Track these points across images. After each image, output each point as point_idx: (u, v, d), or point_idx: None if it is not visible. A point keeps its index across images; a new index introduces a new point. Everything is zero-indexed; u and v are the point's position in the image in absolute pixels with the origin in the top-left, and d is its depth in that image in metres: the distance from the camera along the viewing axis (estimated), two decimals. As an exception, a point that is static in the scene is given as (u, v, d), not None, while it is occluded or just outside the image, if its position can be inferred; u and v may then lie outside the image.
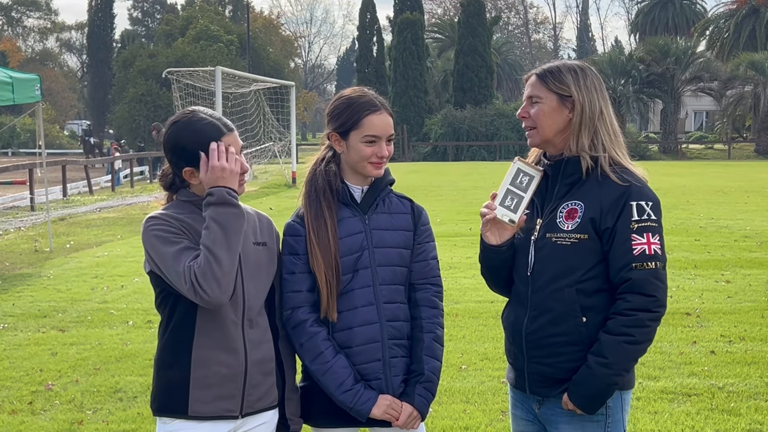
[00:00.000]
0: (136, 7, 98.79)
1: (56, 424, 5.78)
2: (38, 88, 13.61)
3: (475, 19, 53.41)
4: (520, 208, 3.00)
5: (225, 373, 2.95)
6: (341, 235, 3.11)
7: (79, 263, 12.65)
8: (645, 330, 2.86)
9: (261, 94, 30.47)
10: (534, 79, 3.04)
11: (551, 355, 2.96)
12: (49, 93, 66.41)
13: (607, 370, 2.85)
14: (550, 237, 2.96)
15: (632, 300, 2.84)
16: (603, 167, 2.95)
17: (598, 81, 3.03)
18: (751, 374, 6.69)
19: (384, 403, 3.09)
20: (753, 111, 51.22)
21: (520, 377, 3.10)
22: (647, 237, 2.87)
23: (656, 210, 2.92)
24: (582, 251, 2.91)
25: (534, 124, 3.02)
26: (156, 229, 2.89)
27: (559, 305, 2.93)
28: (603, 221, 2.89)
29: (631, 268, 2.85)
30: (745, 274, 10.89)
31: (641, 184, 2.95)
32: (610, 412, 2.97)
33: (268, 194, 24.92)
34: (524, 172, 3.02)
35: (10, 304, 9.68)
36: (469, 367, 6.98)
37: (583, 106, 2.97)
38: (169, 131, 3.00)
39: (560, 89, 2.98)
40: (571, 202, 2.96)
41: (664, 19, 74.98)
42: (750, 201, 20.98)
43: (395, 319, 3.15)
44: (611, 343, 2.85)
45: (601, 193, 2.92)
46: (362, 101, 3.13)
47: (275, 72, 57.86)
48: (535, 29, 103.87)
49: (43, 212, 18.22)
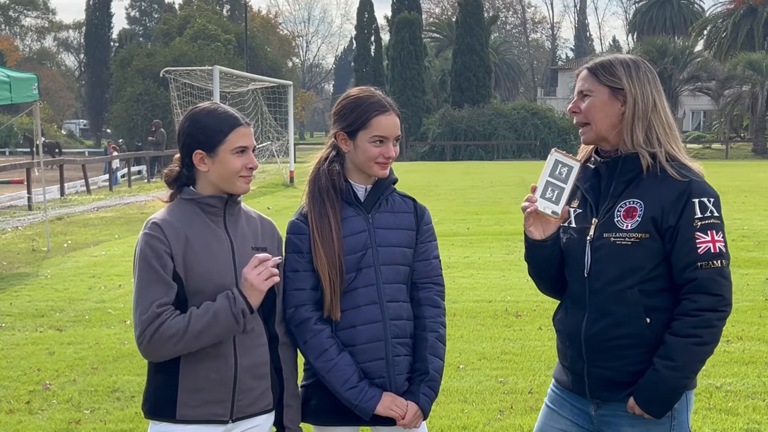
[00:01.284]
0: (134, 7, 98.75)
1: (54, 424, 5.77)
2: (36, 88, 13.59)
3: (473, 19, 53.42)
4: (562, 199, 2.94)
5: (214, 378, 2.94)
6: (345, 233, 3.12)
7: (77, 263, 12.64)
8: (712, 330, 2.78)
9: (259, 93, 30.45)
10: (585, 73, 2.98)
11: (614, 358, 2.88)
12: (47, 92, 66.40)
13: (676, 374, 2.78)
14: (608, 237, 2.88)
15: (698, 300, 2.77)
16: (661, 163, 2.87)
17: (651, 73, 2.95)
18: (749, 374, 6.69)
19: (388, 401, 3.10)
20: (750, 111, 51.23)
21: (578, 381, 3.00)
22: (711, 234, 2.79)
23: (718, 206, 2.84)
24: (643, 251, 2.83)
25: (586, 119, 2.95)
26: (146, 246, 2.89)
27: (621, 307, 2.85)
28: (665, 220, 2.81)
29: (696, 268, 2.77)
30: (743, 274, 10.89)
31: (701, 180, 2.88)
32: (676, 414, 2.90)
33: (266, 193, 24.90)
34: (563, 163, 2.95)
35: (7, 304, 9.67)
36: (467, 367, 6.98)
37: (635, 98, 2.89)
38: (188, 116, 3.02)
39: (612, 82, 2.91)
40: (630, 201, 2.88)
41: (662, 19, 75.04)
42: (747, 201, 20.98)
43: (398, 318, 3.16)
44: (679, 346, 2.77)
45: (661, 191, 2.83)
46: (371, 101, 3.13)
47: (273, 71, 57.83)
48: (533, 29, 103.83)
49: (41, 211, 18.21)
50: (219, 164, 2.94)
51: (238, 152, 2.94)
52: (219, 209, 2.99)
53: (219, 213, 3.00)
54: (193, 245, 2.91)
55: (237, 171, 2.94)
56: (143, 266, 2.87)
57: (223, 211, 3.00)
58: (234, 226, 3.02)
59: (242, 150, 2.95)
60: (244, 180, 2.97)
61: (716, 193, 2.88)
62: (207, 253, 2.93)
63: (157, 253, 2.87)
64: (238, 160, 2.94)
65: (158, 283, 2.85)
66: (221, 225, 3.00)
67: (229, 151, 2.93)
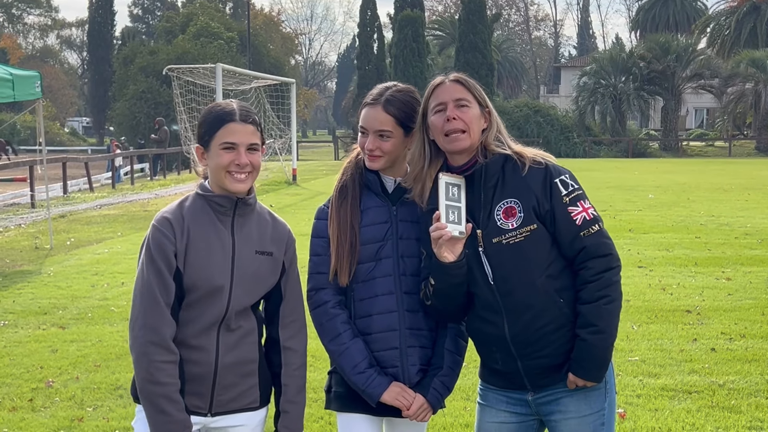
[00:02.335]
0: (137, 4, 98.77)
1: (56, 421, 5.78)
2: (38, 85, 13.59)
3: (476, 16, 53.36)
4: (462, 217, 3.02)
5: (196, 372, 2.99)
6: (366, 222, 3.17)
7: (80, 260, 12.65)
8: (615, 286, 2.96)
9: (261, 91, 30.46)
10: (455, 84, 3.11)
11: (544, 346, 3.00)
12: (50, 90, 66.39)
13: (602, 335, 2.93)
14: (498, 241, 2.99)
15: (593, 266, 2.95)
16: (516, 158, 3.03)
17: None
18: (752, 371, 6.69)
19: (395, 390, 3.13)
20: (754, 108, 51.19)
21: (515, 378, 3.09)
22: (581, 204, 2.99)
23: (574, 179, 3.05)
24: (535, 241, 2.97)
25: (468, 127, 3.03)
26: (152, 241, 2.95)
27: (536, 299, 2.97)
28: (541, 206, 2.97)
29: (581, 237, 2.96)
30: (746, 272, 10.89)
31: (550, 162, 3.05)
32: (607, 378, 3.06)
33: (269, 191, 24.92)
34: (452, 184, 3.04)
35: (10, 301, 9.68)
36: (470, 365, 6.95)
37: (490, 109, 3.09)
38: (203, 110, 3.10)
39: (480, 96, 3.10)
40: (504, 201, 3.00)
41: (665, 17, 74.92)
42: (750, 198, 20.97)
43: (416, 310, 3.18)
44: (594, 311, 2.93)
45: (528, 182, 2.99)
46: (370, 93, 3.22)
47: (276, 69, 57.83)
48: (536, 26, 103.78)
49: (44, 209, 18.22)
50: (211, 159, 2.99)
51: (225, 148, 2.95)
52: (228, 209, 3.01)
53: (228, 213, 3.01)
54: (194, 241, 2.95)
55: (224, 167, 2.95)
56: (148, 262, 2.94)
57: (232, 212, 3.01)
58: (241, 228, 3.03)
59: (230, 146, 2.95)
60: (233, 178, 2.96)
61: (567, 169, 3.08)
62: (206, 251, 2.96)
63: (162, 250, 2.92)
64: (226, 155, 2.94)
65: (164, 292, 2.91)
66: (228, 225, 3.02)
67: (218, 146, 2.96)
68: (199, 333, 2.98)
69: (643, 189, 23.92)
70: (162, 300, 2.90)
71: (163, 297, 2.90)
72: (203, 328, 2.98)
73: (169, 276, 2.91)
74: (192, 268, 2.93)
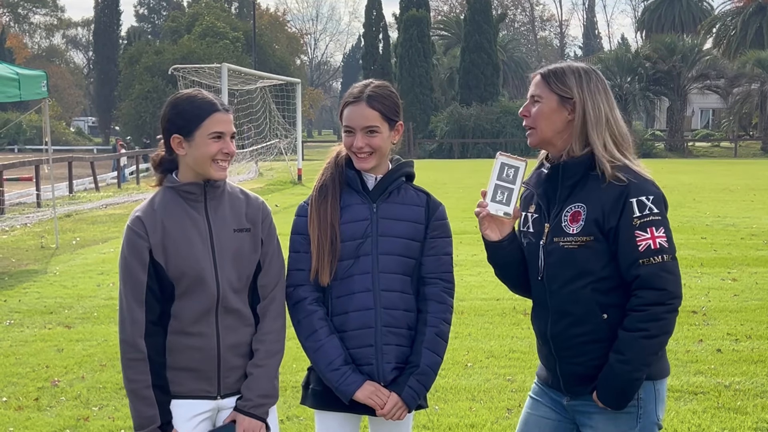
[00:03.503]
0: (143, 4, 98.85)
1: (62, 420, 5.79)
2: (44, 85, 13.62)
3: (481, 17, 53.33)
4: (512, 200, 3.04)
5: (199, 357, 3.06)
6: (346, 220, 3.18)
7: (85, 260, 12.67)
8: (660, 323, 2.88)
9: (267, 91, 30.48)
10: (538, 78, 3.06)
11: (579, 354, 2.99)
12: (56, 89, 66.54)
13: (627, 367, 2.87)
14: (557, 241, 2.98)
15: (643, 295, 2.87)
16: (602, 167, 2.94)
17: (602, 84, 3.03)
18: (758, 373, 6.68)
19: (369, 389, 3.14)
20: (760, 109, 51.09)
21: (553, 377, 3.12)
22: (651, 231, 2.88)
23: (658, 203, 2.92)
24: (590, 253, 2.93)
25: (533, 124, 3.04)
26: (127, 242, 3.04)
27: (577, 307, 2.96)
28: (606, 221, 2.91)
29: (638, 265, 2.87)
30: (752, 272, 10.87)
31: (640, 181, 2.94)
32: (642, 404, 2.99)
33: (274, 191, 24.93)
34: (509, 165, 3.06)
35: (16, 301, 9.70)
36: (475, 365, 6.97)
37: (584, 108, 2.98)
38: (169, 101, 3.12)
39: (562, 90, 2.99)
40: (575, 205, 2.97)
41: (671, 17, 74.79)
42: (756, 199, 20.93)
43: (393, 308, 3.19)
44: (628, 340, 2.87)
45: (601, 194, 2.93)
46: (350, 92, 3.23)
47: (281, 69, 57.90)
48: (542, 26, 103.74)
49: (50, 209, 18.24)
50: (195, 148, 3.02)
51: (214, 137, 3.02)
52: (198, 195, 3.08)
53: (199, 199, 3.08)
54: (170, 233, 3.02)
55: (212, 155, 3.02)
56: (122, 262, 3.06)
57: (203, 197, 3.08)
58: (215, 211, 3.10)
59: (218, 135, 3.03)
60: (218, 165, 3.04)
61: (658, 191, 2.96)
62: (184, 239, 3.03)
63: (134, 248, 3.02)
64: (214, 144, 3.02)
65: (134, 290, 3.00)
66: (201, 211, 3.08)
67: (206, 135, 3.01)
68: (197, 320, 3.05)
69: (649, 189, 23.84)
70: (132, 299, 3.00)
71: (133, 295, 3.00)
72: (200, 315, 3.05)
73: (142, 273, 3.00)
74: (175, 259, 3.01)
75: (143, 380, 2.99)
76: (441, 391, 6.27)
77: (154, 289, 3.01)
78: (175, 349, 3.05)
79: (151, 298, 3.01)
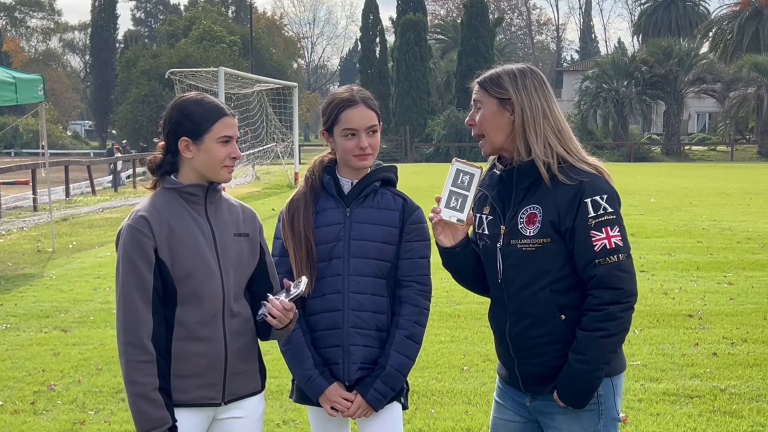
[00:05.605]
0: (139, 8, 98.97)
1: (58, 425, 5.78)
2: (41, 89, 13.61)
3: (478, 21, 53.44)
4: (466, 206, 3.05)
5: (205, 364, 3.03)
6: (320, 224, 3.24)
7: (82, 263, 12.66)
8: (617, 322, 2.90)
9: (264, 95, 30.49)
10: (476, 86, 3.10)
11: (537, 355, 3.02)
12: (52, 93, 66.49)
13: (587, 366, 2.90)
14: (514, 243, 3.00)
15: (600, 295, 2.89)
16: (552, 169, 2.96)
17: (538, 80, 3.04)
18: (754, 376, 6.69)
19: (333, 394, 3.22)
20: (756, 113, 51.16)
21: (512, 376, 3.14)
22: (606, 231, 2.91)
23: (612, 202, 2.94)
24: (548, 254, 2.95)
25: (481, 131, 3.06)
26: (130, 240, 2.96)
27: (536, 309, 2.98)
28: (562, 222, 2.93)
29: (594, 265, 2.90)
30: (748, 276, 10.89)
31: (592, 178, 2.96)
32: (602, 400, 3.02)
33: (270, 195, 24.94)
34: (464, 172, 3.07)
35: (12, 305, 9.69)
36: (471, 369, 6.98)
37: (523, 107, 2.99)
38: (175, 104, 3.09)
39: (499, 93, 3.02)
40: (530, 207, 2.99)
41: (667, 21, 74.95)
42: (753, 203, 20.96)
43: (362, 309, 3.24)
44: (587, 340, 2.90)
45: (556, 195, 2.94)
46: (341, 98, 3.24)
47: (278, 73, 57.93)
48: (538, 31, 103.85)
49: (46, 212, 18.24)
50: (204, 152, 3.01)
51: (223, 141, 3.02)
52: (200, 198, 3.07)
53: (200, 201, 3.07)
54: (176, 232, 2.99)
55: (221, 160, 3.02)
56: (125, 262, 2.96)
57: (204, 200, 3.08)
58: (215, 214, 3.10)
59: (227, 139, 3.03)
60: (227, 169, 3.05)
61: (611, 189, 2.98)
62: (190, 239, 3.01)
63: (140, 247, 2.95)
64: (223, 149, 3.02)
65: (141, 289, 2.93)
66: (202, 213, 3.07)
67: (215, 139, 3.01)
68: (205, 323, 3.01)
69: (645, 193, 23.92)
70: (138, 299, 2.93)
71: (140, 295, 2.93)
72: (208, 318, 3.02)
73: (148, 272, 2.94)
74: (181, 258, 2.97)
75: (151, 383, 2.92)
76: (437, 395, 6.28)
77: (158, 289, 2.96)
78: (180, 357, 3.00)
79: (156, 299, 2.96)
